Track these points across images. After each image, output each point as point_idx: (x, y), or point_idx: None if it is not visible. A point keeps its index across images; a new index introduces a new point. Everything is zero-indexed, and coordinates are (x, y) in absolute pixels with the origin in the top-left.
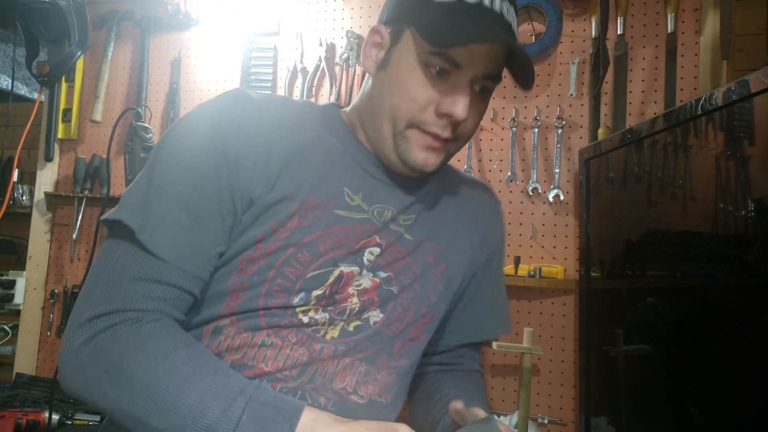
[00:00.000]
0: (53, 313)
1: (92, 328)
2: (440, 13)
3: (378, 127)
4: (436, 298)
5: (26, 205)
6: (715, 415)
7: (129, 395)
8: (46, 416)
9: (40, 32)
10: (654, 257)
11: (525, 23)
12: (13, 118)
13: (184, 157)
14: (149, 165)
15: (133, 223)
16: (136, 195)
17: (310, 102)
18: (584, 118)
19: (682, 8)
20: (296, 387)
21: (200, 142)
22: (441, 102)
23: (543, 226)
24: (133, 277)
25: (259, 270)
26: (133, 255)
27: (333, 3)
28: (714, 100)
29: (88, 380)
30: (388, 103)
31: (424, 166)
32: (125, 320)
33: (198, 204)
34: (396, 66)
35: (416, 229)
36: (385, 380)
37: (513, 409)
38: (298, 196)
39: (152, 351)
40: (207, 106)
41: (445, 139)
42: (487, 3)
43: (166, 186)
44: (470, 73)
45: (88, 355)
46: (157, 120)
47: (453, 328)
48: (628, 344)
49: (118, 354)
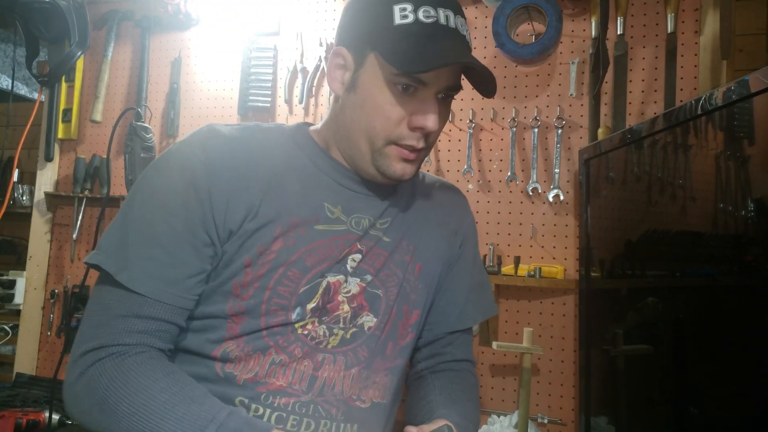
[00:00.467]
0: (53, 313)
1: (83, 363)
2: (401, 37)
3: (354, 145)
4: (417, 295)
5: (26, 205)
6: (715, 415)
7: (116, 424)
8: (46, 416)
9: (40, 32)
10: (654, 257)
11: (525, 23)
12: (13, 118)
13: (156, 197)
14: (125, 206)
15: (110, 267)
16: (112, 238)
17: (280, 125)
18: (584, 118)
19: (682, 8)
20: (309, 401)
21: (171, 181)
22: (412, 117)
23: (543, 226)
24: (117, 314)
25: (255, 293)
26: (116, 294)
27: (333, 3)
28: (714, 100)
29: (83, 412)
30: (363, 124)
31: (402, 176)
32: (110, 354)
33: (171, 240)
34: (365, 88)
35: (392, 231)
36: (383, 382)
37: (513, 409)
38: (281, 219)
39: (133, 383)
40: (178, 146)
41: (419, 149)
42: (442, 21)
43: (140, 226)
44: (435, 88)
45: (80, 389)
46: (157, 120)
47: (435, 319)
48: (628, 344)
49: (104, 387)
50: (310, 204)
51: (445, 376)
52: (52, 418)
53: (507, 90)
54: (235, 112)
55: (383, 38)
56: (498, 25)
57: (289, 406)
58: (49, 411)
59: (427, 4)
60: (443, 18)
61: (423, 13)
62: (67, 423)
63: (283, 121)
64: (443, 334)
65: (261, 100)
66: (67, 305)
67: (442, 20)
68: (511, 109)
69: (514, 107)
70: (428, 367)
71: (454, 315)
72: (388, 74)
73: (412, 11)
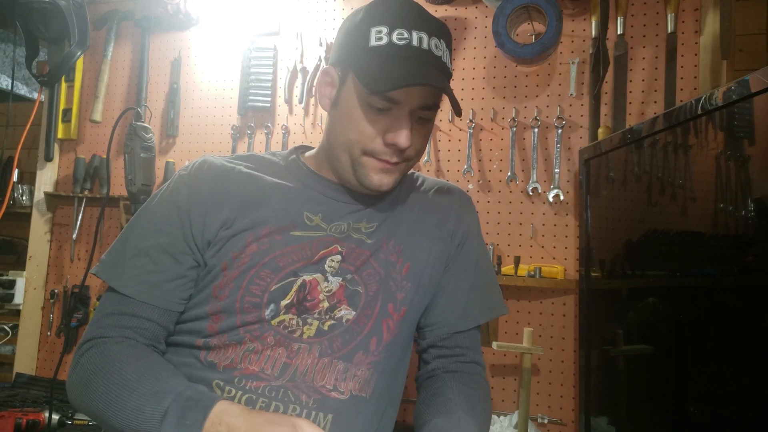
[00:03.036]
0: (53, 313)
1: (78, 354)
2: (373, 59)
3: (337, 157)
4: (404, 294)
5: (26, 205)
6: (715, 415)
7: (95, 402)
8: (46, 416)
9: (40, 32)
10: (654, 257)
11: (525, 23)
12: (13, 118)
13: (149, 218)
14: (126, 227)
15: (106, 276)
16: (113, 253)
17: (274, 152)
18: (584, 118)
19: (682, 8)
20: (279, 386)
21: (162, 205)
22: (386, 135)
23: (543, 226)
24: (107, 312)
25: (230, 293)
26: (111, 297)
27: (333, 3)
28: (714, 100)
29: (77, 396)
30: (342, 137)
31: (380, 186)
32: (96, 344)
33: (156, 251)
34: (345, 105)
35: (377, 234)
36: (364, 375)
37: (513, 409)
38: (255, 228)
39: (110, 366)
40: (175, 175)
41: (395, 162)
42: (415, 43)
43: (135, 241)
44: (408, 107)
45: (75, 377)
46: (157, 120)
47: (436, 319)
48: (628, 344)
49: (89, 371)
50: (288, 215)
51: (460, 377)
52: (52, 418)
53: (507, 90)
54: (235, 112)
55: (358, 59)
56: (498, 25)
57: (259, 389)
58: (49, 411)
59: (402, 27)
60: (416, 40)
61: (397, 35)
62: (67, 423)
63: (282, 120)
64: (447, 335)
65: (261, 100)
66: (67, 305)
67: (414, 42)
68: (511, 109)
69: (514, 107)
70: (440, 367)
71: (456, 315)
72: (364, 94)
73: (387, 33)
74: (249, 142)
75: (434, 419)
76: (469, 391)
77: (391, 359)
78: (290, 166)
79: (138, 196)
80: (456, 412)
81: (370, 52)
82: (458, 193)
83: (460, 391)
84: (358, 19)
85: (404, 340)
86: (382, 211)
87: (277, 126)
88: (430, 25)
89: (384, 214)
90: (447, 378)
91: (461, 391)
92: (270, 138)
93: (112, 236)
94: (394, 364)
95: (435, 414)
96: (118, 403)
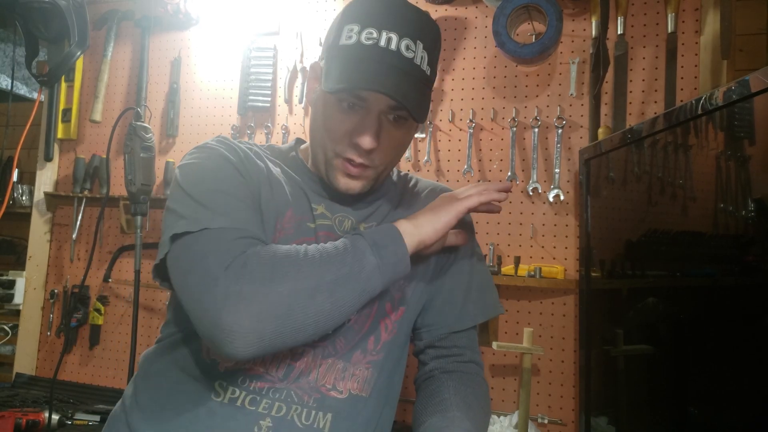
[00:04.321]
0: (53, 313)
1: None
2: (339, 58)
3: (315, 155)
4: (401, 294)
5: (26, 205)
6: (715, 415)
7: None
8: (46, 416)
9: (40, 32)
10: (654, 257)
11: (525, 23)
12: (13, 118)
13: (205, 170)
14: (180, 186)
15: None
16: (184, 208)
17: (272, 145)
18: (584, 118)
19: (682, 8)
20: (283, 388)
21: (211, 155)
22: (352, 134)
23: (543, 226)
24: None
25: None
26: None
27: (333, 3)
28: (714, 100)
29: (260, 278)
30: (318, 134)
31: (347, 190)
32: (248, 254)
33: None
34: (320, 101)
35: None
36: (363, 375)
37: (513, 409)
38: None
39: (291, 252)
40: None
41: (359, 164)
42: (383, 43)
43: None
44: (376, 107)
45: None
46: (156, 120)
47: (434, 320)
48: (628, 344)
49: (272, 261)
50: (302, 205)
51: (457, 377)
52: (52, 418)
53: (507, 90)
54: (235, 112)
55: (329, 56)
56: (498, 25)
57: (263, 390)
58: (49, 411)
59: (372, 26)
60: (384, 40)
61: (366, 34)
62: (67, 423)
63: (282, 120)
64: (445, 335)
65: (261, 99)
66: (67, 305)
67: (382, 42)
68: (511, 109)
69: (514, 107)
70: (438, 367)
71: (453, 315)
72: None
73: (357, 32)
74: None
75: (429, 419)
76: (466, 390)
77: (389, 359)
78: (289, 158)
79: (138, 196)
80: (451, 410)
81: (339, 51)
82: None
83: (457, 391)
84: (338, 15)
85: (402, 339)
86: (380, 210)
87: (277, 126)
88: (405, 25)
89: (382, 212)
90: (444, 378)
91: (458, 390)
92: (270, 138)
93: (112, 236)
94: (391, 364)
95: (430, 414)
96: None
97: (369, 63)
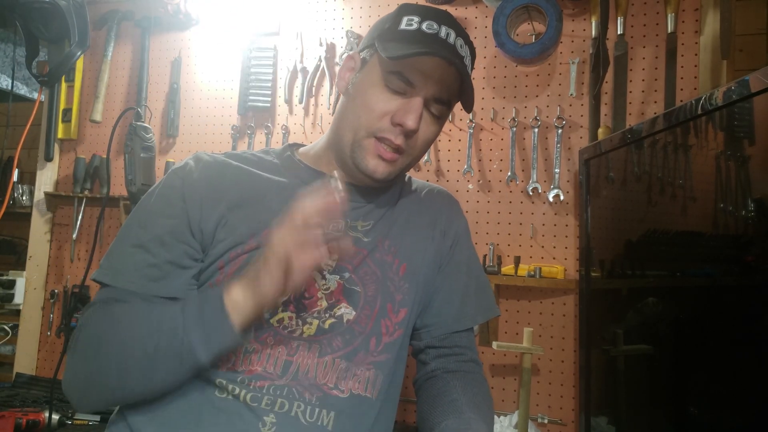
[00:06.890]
0: (53, 313)
1: (76, 331)
2: (400, 38)
3: (341, 138)
4: (402, 295)
5: (26, 205)
6: (715, 415)
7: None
8: (46, 416)
9: (40, 32)
10: (654, 257)
11: (525, 23)
12: (13, 118)
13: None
14: (123, 226)
15: (108, 279)
16: (109, 257)
17: (267, 150)
18: (584, 118)
19: (682, 8)
20: (283, 385)
21: (156, 198)
22: (395, 114)
23: (543, 226)
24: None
25: None
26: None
27: (333, 3)
28: (714, 100)
29: (88, 359)
30: (351, 115)
31: (374, 173)
32: (95, 309)
33: (154, 244)
34: (361, 84)
35: (374, 233)
36: (366, 375)
37: (513, 409)
38: (254, 229)
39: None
40: (169, 171)
41: (396, 147)
42: (442, 35)
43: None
44: (423, 93)
45: (83, 340)
46: (157, 120)
47: (433, 320)
48: (628, 344)
49: (99, 330)
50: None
51: (461, 377)
52: (52, 418)
53: (507, 90)
54: (235, 112)
55: (386, 39)
56: (498, 25)
57: (264, 389)
58: (49, 411)
59: (433, 20)
60: (444, 33)
61: (427, 25)
62: (67, 423)
63: (282, 120)
64: (444, 335)
65: (261, 100)
66: (67, 305)
67: (442, 34)
68: (511, 109)
69: (514, 107)
70: (441, 367)
71: (452, 316)
72: (384, 72)
73: (418, 22)
74: (249, 142)
75: (444, 421)
76: (473, 390)
77: (390, 359)
78: (285, 162)
79: (138, 196)
80: (464, 412)
81: (398, 34)
82: (447, 196)
83: (464, 391)
84: (393, 11)
85: (402, 340)
86: (379, 208)
87: (277, 126)
88: (459, 28)
89: (379, 212)
90: (449, 378)
91: (465, 390)
92: (270, 138)
93: (112, 236)
94: (393, 364)
95: (443, 415)
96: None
97: (432, 44)
